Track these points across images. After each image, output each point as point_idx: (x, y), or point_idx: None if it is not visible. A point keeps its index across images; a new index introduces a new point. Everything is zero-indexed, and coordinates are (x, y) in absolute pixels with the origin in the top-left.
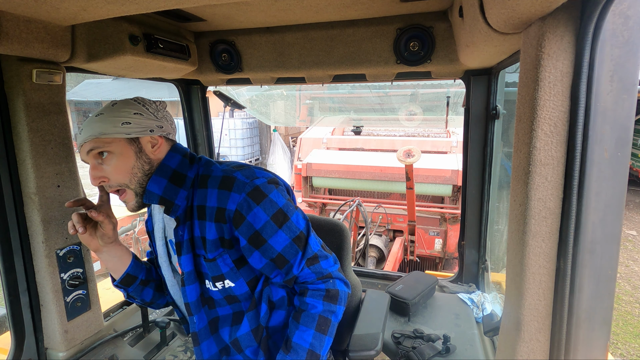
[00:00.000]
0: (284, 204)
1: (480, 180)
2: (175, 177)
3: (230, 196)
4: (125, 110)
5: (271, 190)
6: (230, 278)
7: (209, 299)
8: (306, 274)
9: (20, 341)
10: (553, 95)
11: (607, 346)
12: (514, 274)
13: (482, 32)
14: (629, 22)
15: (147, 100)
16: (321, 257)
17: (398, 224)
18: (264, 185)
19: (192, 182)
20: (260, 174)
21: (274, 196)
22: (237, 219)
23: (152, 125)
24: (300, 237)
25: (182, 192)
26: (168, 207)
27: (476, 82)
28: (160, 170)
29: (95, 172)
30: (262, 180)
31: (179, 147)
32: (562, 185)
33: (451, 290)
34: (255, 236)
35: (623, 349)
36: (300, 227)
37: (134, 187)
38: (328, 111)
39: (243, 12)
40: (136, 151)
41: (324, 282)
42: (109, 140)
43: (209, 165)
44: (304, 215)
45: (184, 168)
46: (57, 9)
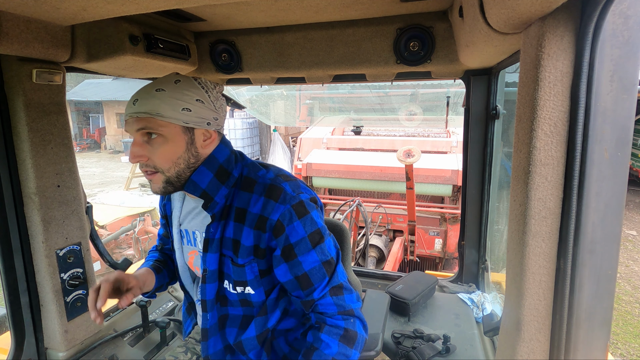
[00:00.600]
0: (322, 226)
1: (480, 180)
2: (220, 173)
3: (275, 206)
4: (188, 93)
5: (313, 209)
6: (252, 285)
7: (223, 297)
8: (327, 304)
9: (20, 341)
10: (553, 95)
11: (607, 346)
12: (514, 274)
13: (482, 32)
14: (629, 22)
15: (209, 84)
16: (346, 290)
17: (398, 224)
18: (308, 202)
19: (235, 181)
20: (305, 190)
21: (315, 215)
22: (277, 228)
23: (210, 117)
24: (330, 263)
25: (224, 190)
26: (207, 202)
27: (476, 82)
28: (209, 162)
29: (137, 150)
30: (306, 196)
31: (227, 141)
32: (562, 185)
33: (451, 290)
34: (288, 249)
35: (623, 349)
36: (332, 253)
37: (170, 174)
38: (328, 111)
39: (243, 12)
40: (188, 142)
41: (344, 319)
42: (164, 123)
43: (255, 169)
44: (336, 243)
45: (229, 165)
46: (57, 9)
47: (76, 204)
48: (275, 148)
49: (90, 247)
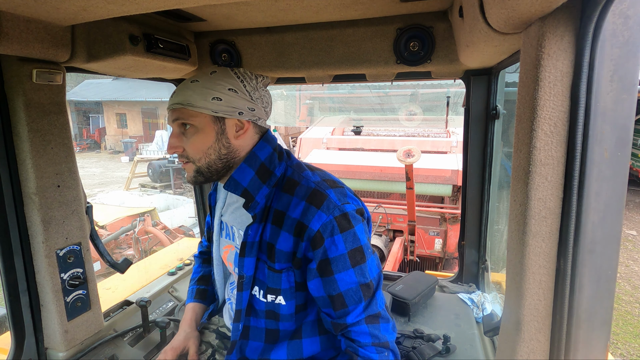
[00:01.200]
0: (365, 243)
1: (480, 180)
2: (262, 171)
3: (316, 214)
4: (220, 83)
5: (358, 223)
6: (284, 296)
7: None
8: (361, 332)
9: (20, 341)
10: (553, 95)
11: (607, 346)
12: (514, 274)
13: (482, 32)
14: (629, 22)
15: (248, 74)
16: (383, 319)
17: (398, 224)
18: (353, 214)
19: (277, 181)
20: (351, 199)
21: (358, 230)
22: (316, 240)
23: (243, 106)
24: (369, 286)
25: (264, 190)
26: (247, 202)
27: (476, 82)
28: (250, 159)
29: (173, 141)
30: (351, 207)
31: (270, 137)
32: (562, 185)
33: (451, 290)
34: (325, 264)
35: (623, 349)
36: (372, 276)
37: (200, 164)
38: (328, 111)
39: (243, 12)
40: (218, 132)
41: (378, 352)
42: (194, 113)
43: (300, 169)
44: (379, 264)
45: (272, 163)
46: (57, 9)
47: (76, 204)
48: None
49: (90, 247)
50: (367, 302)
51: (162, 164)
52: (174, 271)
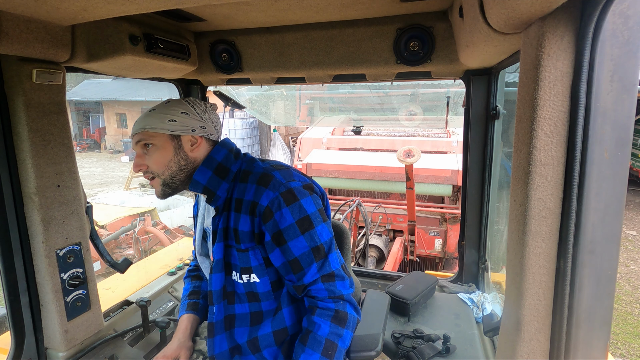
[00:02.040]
0: (313, 212)
1: (480, 180)
2: (219, 170)
3: (265, 192)
4: (174, 108)
5: (304, 196)
6: (257, 273)
7: (231, 293)
8: (318, 289)
9: (20, 341)
10: (553, 95)
11: (607, 346)
12: (514, 274)
13: (482, 32)
14: (629, 22)
15: (197, 102)
16: (338, 277)
17: (398, 224)
18: (298, 189)
19: (234, 176)
20: (298, 177)
21: (305, 202)
22: (266, 214)
23: (195, 125)
24: (319, 249)
25: (224, 185)
26: (210, 197)
27: (476, 82)
28: (207, 162)
29: (138, 160)
30: (297, 183)
31: (226, 143)
32: (562, 185)
33: (451, 290)
34: (278, 235)
35: (623, 349)
36: (322, 240)
37: (164, 177)
38: (328, 111)
39: (243, 12)
40: (175, 147)
41: (334, 302)
42: (154, 134)
43: (252, 162)
44: (331, 230)
45: (228, 162)
46: (57, 9)
47: (76, 204)
48: (275, 148)
49: (90, 247)
50: (320, 263)
51: None
52: (174, 271)
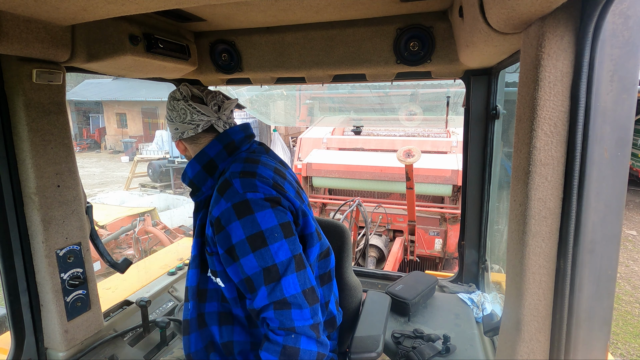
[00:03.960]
0: (269, 228)
1: (480, 180)
2: (209, 166)
3: (219, 202)
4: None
5: (262, 209)
6: (221, 278)
7: (203, 290)
8: (269, 317)
9: (20, 341)
10: (553, 95)
11: (607, 346)
12: (514, 274)
13: (482, 32)
14: (629, 22)
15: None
16: (293, 305)
17: (398, 224)
18: (255, 201)
19: (220, 173)
20: (262, 188)
21: (260, 216)
22: (217, 226)
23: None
24: (271, 271)
25: (210, 181)
26: (194, 191)
27: (476, 82)
28: (199, 156)
29: None
30: (258, 195)
31: (224, 136)
32: (562, 185)
33: (451, 290)
34: (231, 250)
35: (623, 349)
36: (276, 260)
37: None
38: (328, 111)
39: (243, 12)
40: (184, 150)
41: (285, 334)
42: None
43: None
44: (295, 247)
45: (219, 158)
46: (57, 9)
47: (76, 204)
48: (275, 148)
49: (90, 247)
50: (271, 287)
51: (162, 164)
52: (174, 271)
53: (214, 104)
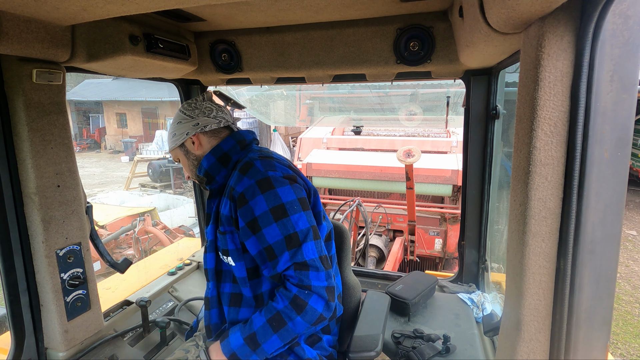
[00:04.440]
0: (289, 201)
1: (480, 180)
2: (223, 158)
3: (243, 179)
4: (174, 124)
5: (281, 184)
6: (233, 257)
7: (219, 272)
8: (290, 275)
9: (20, 341)
10: (553, 95)
11: (607, 346)
12: (514, 274)
13: (482, 32)
14: (629, 22)
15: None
16: (312, 267)
17: (398, 224)
18: (276, 178)
19: (234, 164)
20: (280, 168)
21: (281, 190)
22: (240, 200)
23: (187, 128)
24: (292, 238)
25: (224, 171)
26: (209, 180)
27: (476, 82)
28: (215, 150)
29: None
30: (277, 173)
31: (237, 134)
32: (562, 185)
33: (451, 290)
34: (253, 222)
35: (623, 349)
36: (297, 229)
37: (194, 178)
38: (328, 111)
39: (243, 12)
40: (184, 153)
41: (300, 289)
42: (171, 152)
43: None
44: (311, 219)
45: (232, 151)
46: (57, 9)
47: (76, 204)
48: (275, 148)
49: (90, 247)
50: (293, 252)
51: (162, 164)
52: (174, 271)
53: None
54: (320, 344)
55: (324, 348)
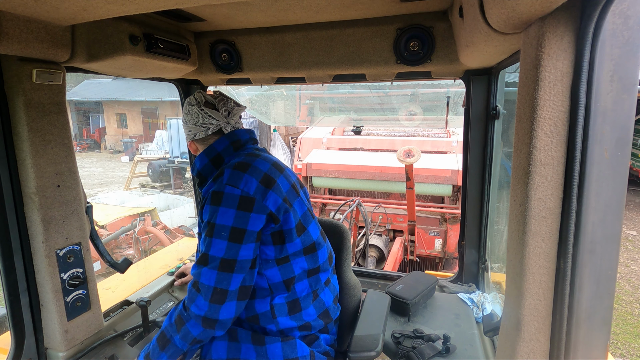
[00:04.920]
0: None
1: (480, 180)
2: (216, 159)
3: (211, 184)
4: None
5: (228, 206)
6: None
7: None
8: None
9: (20, 341)
10: (553, 95)
11: (607, 346)
12: (514, 274)
13: (482, 32)
14: (629, 22)
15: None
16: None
17: (398, 224)
18: (229, 196)
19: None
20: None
21: (222, 212)
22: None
23: (186, 133)
24: (203, 256)
25: (215, 172)
26: (202, 182)
27: (476, 82)
28: (209, 150)
29: None
30: (235, 190)
31: (231, 135)
32: (562, 185)
33: (451, 290)
34: (204, 223)
35: (623, 349)
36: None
37: None
38: (328, 111)
39: (243, 12)
40: (195, 150)
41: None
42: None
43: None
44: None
45: (225, 153)
46: (57, 9)
47: (76, 204)
48: (275, 148)
49: (90, 247)
50: (199, 268)
51: (162, 164)
52: (174, 271)
53: (224, 110)
54: (318, 342)
55: (321, 346)
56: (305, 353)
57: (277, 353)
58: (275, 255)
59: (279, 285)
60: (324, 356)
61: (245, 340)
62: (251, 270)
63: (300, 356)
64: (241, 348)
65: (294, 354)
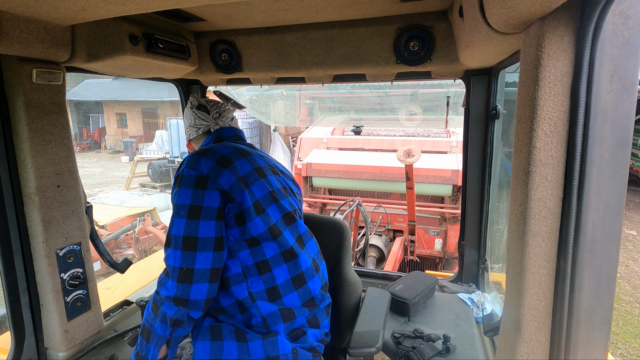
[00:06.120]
0: (179, 204)
1: (480, 180)
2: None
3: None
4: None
5: (186, 186)
6: None
7: None
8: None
9: (20, 341)
10: (553, 95)
11: (607, 346)
12: (514, 274)
13: (482, 32)
14: (629, 22)
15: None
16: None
17: (398, 224)
18: (187, 177)
19: None
20: (203, 165)
21: (180, 192)
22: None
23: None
24: (168, 238)
25: None
26: None
27: (476, 82)
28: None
29: None
30: (192, 172)
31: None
32: (562, 185)
33: (451, 290)
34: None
35: (623, 349)
36: (171, 232)
37: None
38: (328, 111)
39: (243, 12)
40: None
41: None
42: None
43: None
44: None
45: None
46: (57, 9)
47: (76, 204)
48: (275, 148)
49: (90, 247)
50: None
51: (162, 164)
52: None
53: (215, 112)
54: (304, 337)
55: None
56: (287, 350)
57: (258, 350)
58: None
59: (251, 268)
60: (309, 352)
61: (228, 337)
62: (219, 252)
63: (282, 354)
64: (223, 346)
65: (275, 351)
